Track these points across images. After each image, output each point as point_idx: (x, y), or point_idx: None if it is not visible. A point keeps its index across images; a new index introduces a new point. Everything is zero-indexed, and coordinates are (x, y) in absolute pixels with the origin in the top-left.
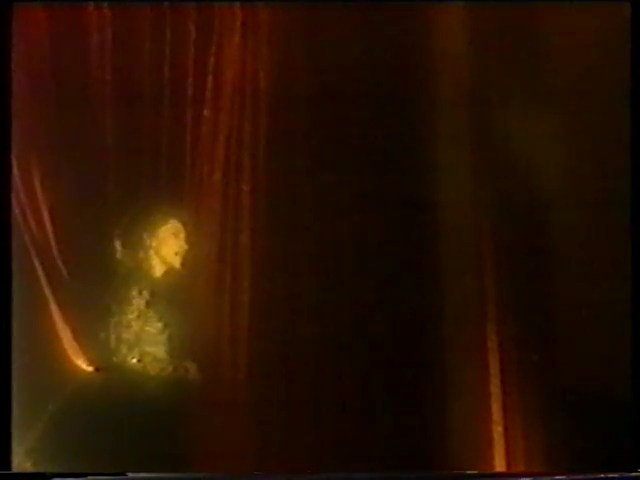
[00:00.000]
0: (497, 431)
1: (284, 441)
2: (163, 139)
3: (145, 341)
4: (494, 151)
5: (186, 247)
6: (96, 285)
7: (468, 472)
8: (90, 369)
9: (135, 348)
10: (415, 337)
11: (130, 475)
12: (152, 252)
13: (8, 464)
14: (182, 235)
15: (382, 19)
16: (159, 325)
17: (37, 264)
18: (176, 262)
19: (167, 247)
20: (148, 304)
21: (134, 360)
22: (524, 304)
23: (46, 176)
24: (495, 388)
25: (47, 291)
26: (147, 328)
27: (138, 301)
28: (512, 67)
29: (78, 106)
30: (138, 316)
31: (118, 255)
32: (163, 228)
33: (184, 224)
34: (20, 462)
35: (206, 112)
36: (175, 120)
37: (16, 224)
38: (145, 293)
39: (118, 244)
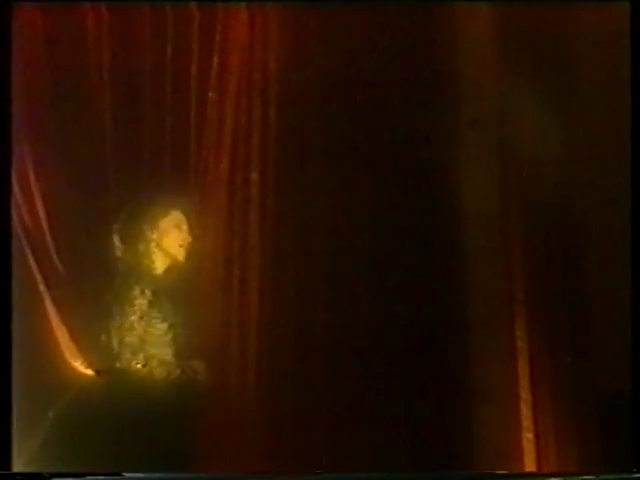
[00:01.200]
0: (527, 438)
1: (300, 447)
2: (165, 125)
3: (149, 343)
4: (515, 150)
5: (190, 241)
6: (95, 284)
7: (465, 472)
8: (91, 373)
9: (139, 351)
10: (440, 339)
11: (127, 475)
12: (154, 247)
13: (8, 464)
14: (186, 228)
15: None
16: (164, 326)
17: (32, 261)
18: (180, 257)
19: (170, 241)
20: (151, 304)
21: (139, 364)
22: (555, 302)
23: (40, 164)
24: (524, 392)
25: (43, 290)
26: (151, 329)
27: (140, 301)
28: (512, 67)
29: (78, 103)
30: (141, 317)
31: (118, 251)
32: (165, 220)
33: (188, 216)
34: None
35: (211, 94)
36: (178, 104)
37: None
38: (147, 292)
39: (117, 239)
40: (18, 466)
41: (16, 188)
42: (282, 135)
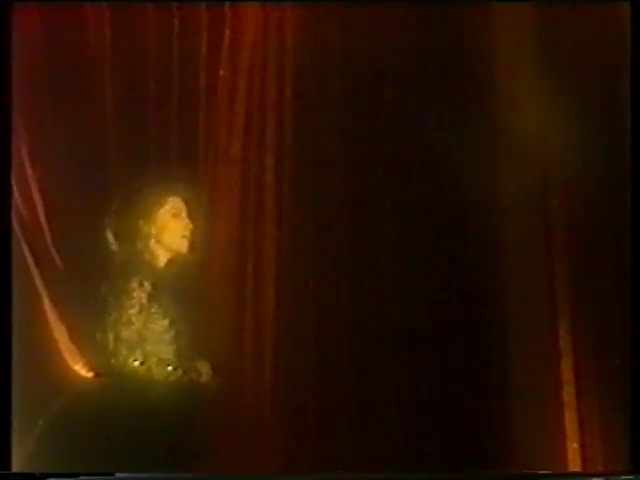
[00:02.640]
0: (572, 448)
1: (317, 457)
2: (172, 104)
3: (149, 340)
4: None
5: (197, 230)
6: (90, 274)
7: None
8: (86, 374)
9: (137, 349)
10: (475, 339)
11: (118, 475)
12: (154, 242)
13: (8, 464)
14: (183, 214)
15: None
16: (164, 322)
17: (26, 252)
18: (184, 247)
19: (172, 230)
20: (151, 297)
21: (136, 362)
22: (601, 299)
23: (35, 151)
24: (569, 396)
25: (39, 284)
26: (150, 325)
27: (138, 294)
28: (511, 67)
29: (77, 98)
30: (139, 312)
31: (115, 240)
32: (169, 208)
33: (195, 204)
34: None
35: (222, 72)
36: (185, 81)
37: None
38: (146, 285)
39: (110, 238)
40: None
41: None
42: (300, 116)
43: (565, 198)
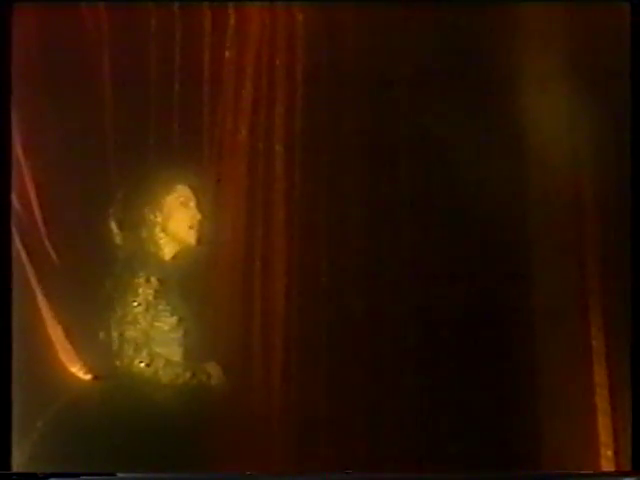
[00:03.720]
0: (606, 456)
1: (331, 462)
2: (174, 87)
3: (155, 340)
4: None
5: (205, 221)
6: (93, 270)
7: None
8: (87, 377)
9: (143, 349)
10: (501, 338)
11: (120, 475)
12: (159, 231)
13: (8, 464)
14: (192, 203)
15: None
16: (172, 320)
17: (20, 246)
18: (191, 240)
19: (180, 221)
20: (157, 293)
21: (142, 364)
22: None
23: (28, 133)
24: (602, 400)
25: (33, 279)
26: (157, 324)
27: (144, 290)
28: (510, 67)
29: (78, 88)
30: (146, 309)
31: (118, 233)
32: (174, 198)
33: (201, 193)
34: None
35: (228, 53)
36: (189, 62)
37: None
38: (153, 280)
39: (114, 227)
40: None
41: None
42: (311, 99)
43: (597, 192)
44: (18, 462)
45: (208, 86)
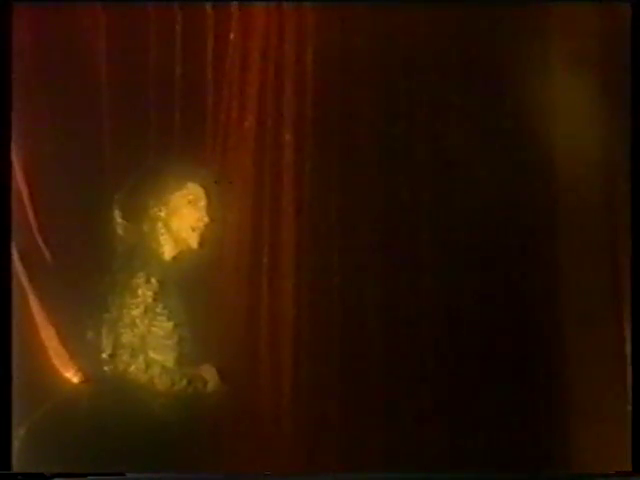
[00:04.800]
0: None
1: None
2: (176, 73)
3: (152, 345)
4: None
5: (207, 219)
6: (88, 271)
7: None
8: (80, 383)
9: (139, 355)
10: (529, 341)
11: (129, 475)
12: (161, 227)
13: (8, 464)
14: (201, 204)
15: None
16: (169, 324)
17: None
18: (193, 239)
19: (181, 220)
20: (156, 296)
21: (137, 370)
22: None
23: (19, 120)
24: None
25: (24, 279)
26: (155, 328)
27: (144, 292)
28: (510, 67)
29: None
30: (144, 312)
31: (117, 231)
32: (176, 194)
33: (204, 188)
34: None
35: (233, 36)
36: (191, 45)
37: None
38: (153, 281)
39: (117, 216)
40: None
41: None
42: (322, 85)
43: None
44: None
45: (212, 73)
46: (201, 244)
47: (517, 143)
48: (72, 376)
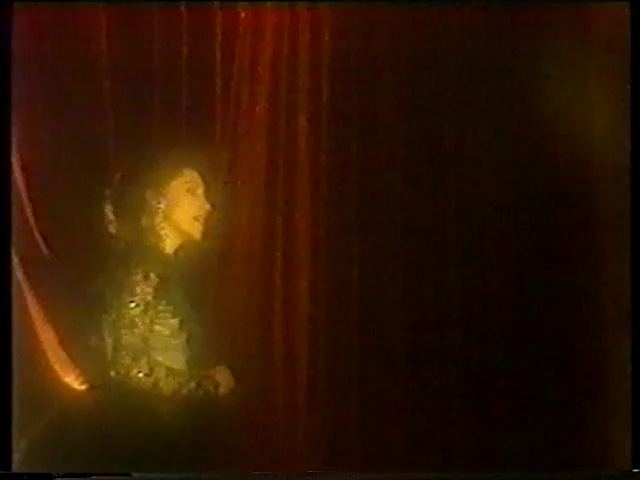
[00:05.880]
0: None
1: None
2: (182, 52)
3: (156, 346)
4: None
5: (207, 207)
6: (86, 271)
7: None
8: (80, 389)
9: (142, 356)
10: (558, 341)
11: (135, 475)
12: (161, 217)
13: (8, 464)
14: (207, 193)
15: None
16: (174, 322)
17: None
18: (196, 231)
19: (183, 210)
20: (157, 293)
21: (140, 374)
22: None
23: (19, 121)
24: None
25: (20, 275)
26: (158, 327)
27: (142, 289)
28: (511, 67)
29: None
30: (144, 310)
31: (113, 223)
32: (177, 182)
33: (210, 177)
34: None
35: (243, 12)
36: (197, 22)
37: None
38: (152, 277)
39: (109, 212)
40: None
41: None
42: (340, 66)
43: None
44: None
45: (220, 52)
46: (205, 235)
47: (547, 134)
48: (72, 381)
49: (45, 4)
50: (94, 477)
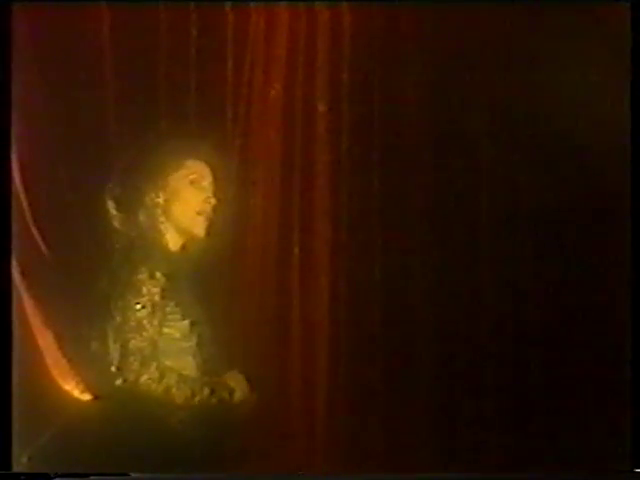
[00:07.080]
0: None
1: None
2: (190, 32)
3: (166, 350)
4: None
5: (213, 201)
6: (89, 272)
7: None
8: (84, 398)
9: (150, 362)
10: (567, 344)
11: (133, 475)
12: (160, 214)
13: (8, 464)
14: (217, 184)
15: None
16: (184, 324)
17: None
18: (200, 226)
19: (193, 203)
20: (164, 293)
21: (150, 380)
22: None
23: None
24: None
25: (16, 276)
26: (168, 330)
27: (149, 289)
28: (510, 67)
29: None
30: (152, 312)
31: (116, 218)
32: (188, 174)
33: (222, 168)
34: None
35: None
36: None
37: None
38: (158, 276)
39: (111, 207)
40: None
41: None
42: (362, 51)
43: None
44: None
45: (232, 32)
46: (213, 230)
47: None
48: (74, 389)
49: (45, 4)
50: (92, 477)
